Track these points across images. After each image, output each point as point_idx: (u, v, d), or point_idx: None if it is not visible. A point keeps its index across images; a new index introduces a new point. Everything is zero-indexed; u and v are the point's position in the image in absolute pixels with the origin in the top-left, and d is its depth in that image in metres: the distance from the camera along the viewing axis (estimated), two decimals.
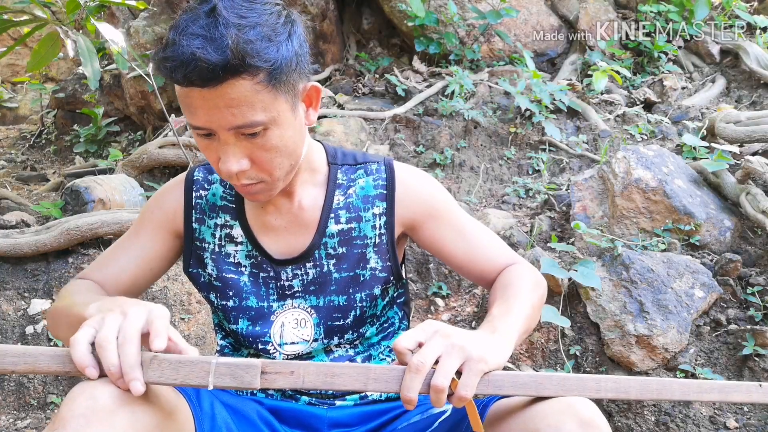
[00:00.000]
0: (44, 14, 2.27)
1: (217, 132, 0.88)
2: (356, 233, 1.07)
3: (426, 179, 1.12)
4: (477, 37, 3.78)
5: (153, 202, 1.12)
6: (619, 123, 3.15)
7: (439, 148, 3.12)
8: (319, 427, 1.06)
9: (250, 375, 0.76)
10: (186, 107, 0.87)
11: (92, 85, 2.18)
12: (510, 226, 2.36)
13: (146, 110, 3.97)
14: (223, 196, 1.09)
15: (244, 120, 0.85)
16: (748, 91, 3.37)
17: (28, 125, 5.35)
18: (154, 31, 3.84)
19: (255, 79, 0.84)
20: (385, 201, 1.07)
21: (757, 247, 2.08)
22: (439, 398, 0.78)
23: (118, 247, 1.10)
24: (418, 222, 1.08)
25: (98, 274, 1.07)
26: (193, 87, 0.83)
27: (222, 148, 0.89)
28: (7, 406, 1.95)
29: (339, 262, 1.06)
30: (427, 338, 0.80)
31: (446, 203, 1.10)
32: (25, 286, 2.14)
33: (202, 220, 1.08)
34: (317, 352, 1.07)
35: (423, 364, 0.77)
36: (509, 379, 0.81)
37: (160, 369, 0.74)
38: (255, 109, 0.85)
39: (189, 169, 1.13)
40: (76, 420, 0.72)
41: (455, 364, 0.78)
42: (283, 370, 0.78)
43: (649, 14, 3.71)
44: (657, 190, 2.15)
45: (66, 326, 0.91)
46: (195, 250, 1.08)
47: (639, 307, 1.82)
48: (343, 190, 1.08)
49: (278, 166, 0.93)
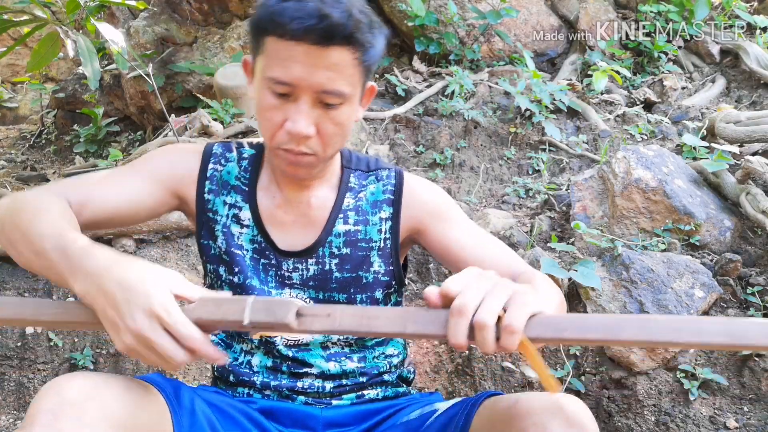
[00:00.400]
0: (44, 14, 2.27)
1: (300, 92, 0.91)
2: (362, 236, 1.08)
3: (433, 187, 1.14)
4: (477, 37, 3.78)
5: (163, 157, 1.10)
6: (619, 123, 3.15)
7: (439, 148, 3.12)
8: (315, 426, 1.07)
9: (284, 310, 0.74)
10: (279, 61, 0.90)
11: (92, 85, 2.18)
12: (510, 226, 2.36)
13: (146, 110, 3.97)
14: (238, 177, 1.09)
15: (334, 86, 0.91)
16: (748, 91, 3.37)
17: (28, 125, 5.35)
18: (154, 31, 3.84)
19: (355, 54, 0.91)
20: (392, 206, 1.09)
21: (757, 247, 2.08)
22: (484, 338, 0.70)
23: (111, 176, 1.04)
24: (424, 224, 1.09)
25: (80, 191, 0.98)
26: (302, 42, 0.88)
27: (296, 109, 0.92)
28: (7, 406, 1.95)
29: (342, 263, 1.07)
30: (470, 282, 0.74)
31: (453, 208, 1.12)
32: (25, 286, 2.14)
33: (217, 192, 1.08)
34: (314, 346, 1.08)
35: (466, 306, 0.70)
36: (574, 322, 0.71)
37: (204, 307, 0.75)
38: (345, 79, 0.92)
39: (206, 144, 1.13)
40: (45, 415, 0.72)
41: (500, 302, 0.71)
42: (319, 313, 0.75)
43: (649, 14, 3.71)
44: (657, 190, 2.15)
45: (28, 250, 0.84)
46: (207, 221, 1.08)
47: (639, 307, 1.82)
48: (354, 193, 1.10)
49: (334, 144, 0.98)
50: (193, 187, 1.08)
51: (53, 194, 0.93)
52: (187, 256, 2.34)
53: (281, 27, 0.88)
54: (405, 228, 1.10)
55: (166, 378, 0.98)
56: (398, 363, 1.17)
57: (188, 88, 3.74)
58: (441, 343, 0.79)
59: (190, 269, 2.30)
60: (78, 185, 0.99)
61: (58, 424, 0.72)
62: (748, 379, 1.72)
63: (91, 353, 2.03)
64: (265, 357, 1.09)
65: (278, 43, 0.90)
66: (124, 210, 1.01)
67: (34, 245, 0.82)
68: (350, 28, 0.88)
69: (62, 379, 0.76)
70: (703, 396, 1.72)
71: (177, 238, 2.32)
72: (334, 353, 1.09)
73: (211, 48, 3.77)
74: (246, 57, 1.04)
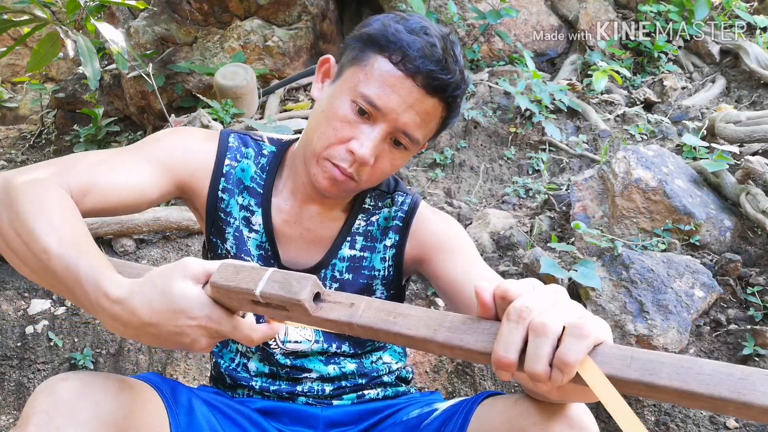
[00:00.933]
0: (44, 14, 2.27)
1: (382, 121, 0.91)
2: (366, 263, 1.06)
3: (449, 221, 1.09)
4: (477, 37, 3.78)
5: (175, 143, 1.00)
6: (619, 123, 3.15)
7: (439, 148, 3.12)
8: (315, 425, 1.06)
9: (301, 285, 0.66)
10: (381, 82, 0.90)
11: (92, 85, 2.18)
12: (510, 226, 2.36)
13: (146, 110, 3.96)
14: (253, 177, 1.05)
15: (415, 132, 0.92)
16: (748, 91, 3.37)
17: (28, 125, 5.35)
18: (154, 31, 3.84)
19: (444, 113, 0.94)
20: (398, 233, 1.06)
21: (757, 247, 2.08)
22: (538, 348, 0.55)
23: (116, 160, 0.92)
24: (428, 256, 1.04)
25: (83, 177, 0.86)
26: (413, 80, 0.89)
27: (369, 134, 0.91)
28: (7, 406, 1.95)
29: (342, 288, 1.04)
30: (536, 287, 0.61)
31: (465, 244, 1.04)
32: (25, 286, 2.14)
33: (232, 193, 1.03)
34: (314, 354, 1.07)
35: (528, 310, 0.56)
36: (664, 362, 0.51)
37: (225, 272, 0.70)
38: (425, 130, 0.94)
39: (221, 133, 1.05)
40: (39, 416, 0.72)
41: (568, 315, 0.57)
42: (342, 301, 0.67)
43: (649, 14, 3.71)
44: (657, 190, 2.15)
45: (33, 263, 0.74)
46: (217, 220, 1.04)
47: (639, 307, 1.82)
48: (367, 216, 1.07)
49: (377, 180, 0.98)
50: (206, 182, 1.02)
51: (53, 183, 0.82)
52: (187, 255, 2.34)
53: (402, 56, 0.88)
54: (409, 257, 1.06)
55: (163, 377, 0.97)
56: (397, 368, 1.16)
57: (188, 88, 3.74)
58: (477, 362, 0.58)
59: None
60: (80, 169, 0.87)
61: (52, 424, 0.72)
62: None
63: (91, 353, 2.02)
64: (262, 364, 1.07)
65: (388, 66, 0.89)
66: (128, 200, 0.91)
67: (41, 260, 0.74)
68: (456, 91, 0.91)
69: (56, 379, 0.76)
70: None
71: (177, 238, 2.32)
72: (332, 356, 1.09)
73: (211, 48, 3.77)
74: (329, 56, 1.00)
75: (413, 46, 0.88)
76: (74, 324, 2.07)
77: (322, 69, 1.00)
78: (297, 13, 3.76)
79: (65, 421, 0.72)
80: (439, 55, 0.88)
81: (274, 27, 3.76)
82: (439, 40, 0.90)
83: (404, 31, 0.89)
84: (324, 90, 0.98)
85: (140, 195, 0.92)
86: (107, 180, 0.88)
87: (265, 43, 3.69)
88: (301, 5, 3.73)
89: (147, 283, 0.70)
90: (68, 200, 0.81)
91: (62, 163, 0.87)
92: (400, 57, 0.88)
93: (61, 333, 2.05)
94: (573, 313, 0.57)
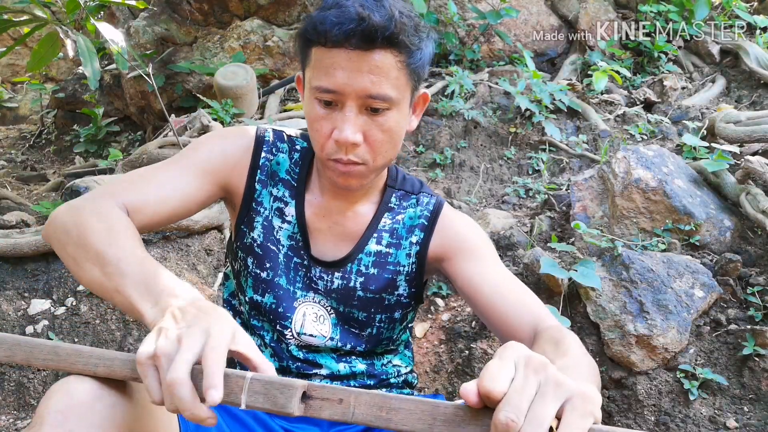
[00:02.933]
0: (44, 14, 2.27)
1: (345, 99, 0.91)
2: (392, 259, 1.08)
3: (472, 223, 1.11)
4: (477, 37, 3.78)
5: (213, 144, 1.06)
6: (619, 123, 3.15)
7: (439, 148, 3.12)
8: (320, 423, 1.07)
9: (286, 397, 0.64)
10: (324, 69, 0.90)
11: (92, 85, 2.18)
12: (510, 226, 2.36)
13: (146, 110, 3.97)
14: (288, 170, 1.08)
15: (379, 90, 0.90)
16: (748, 91, 3.37)
17: (28, 125, 5.35)
18: (154, 31, 3.84)
19: (399, 57, 0.91)
20: (424, 231, 1.09)
21: (757, 247, 2.08)
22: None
23: (162, 172, 1.01)
24: (451, 255, 1.06)
25: (135, 194, 0.96)
26: (343, 48, 0.88)
27: (342, 118, 0.92)
28: (7, 406, 1.95)
29: (366, 282, 1.07)
30: (514, 373, 0.59)
31: (486, 247, 1.07)
32: (25, 286, 2.14)
33: (266, 183, 1.07)
34: (326, 351, 1.09)
35: (515, 423, 0.54)
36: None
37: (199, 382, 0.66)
38: (390, 83, 0.91)
39: (257, 128, 1.10)
40: (54, 416, 0.72)
41: (554, 407, 0.56)
42: (330, 397, 0.64)
43: (649, 14, 3.71)
44: (657, 190, 2.15)
45: (99, 273, 0.83)
46: (249, 210, 1.07)
47: (639, 307, 1.82)
48: (393, 214, 1.09)
49: (383, 153, 0.96)
50: (243, 176, 1.06)
51: (112, 205, 0.91)
52: (187, 256, 2.34)
53: (323, 35, 0.89)
54: (432, 255, 1.08)
55: None
56: (406, 372, 1.19)
57: (188, 88, 3.74)
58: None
59: (190, 269, 2.30)
60: (132, 188, 0.96)
61: (67, 425, 0.72)
62: (748, 379, 1.72)
63: None
64: (273, 360, 1.09)
65: (322, 51, 0.91)
66: (179, 210, 1.00)
67: (107, 270, 0.82)
68: (392, 30, 0.88)
69: (71, 380, 0.76)
70: (703, 396, 1.72)
71: (177, 238, 2.32)
72: (343, 356, 1.10)
73: (211, 48, 3.77)
74: (299, 74, 1.03)
75: (327, 20, 0.89)
76: (74, 324, 2.08)
77: (300, 87, 1.03)
78: (297, 13, 3.77)
79: (80, 421, 0.72)
80: (352, 12, 0.87)
81: (274, 27, 3.76)
82: (353, 0, 0.89)
83: (318, 13, 0.91)
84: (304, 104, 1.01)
85: (188, 203, 1.00)
86: (156, 195, 0.97)
87: (265, 43, 3.69)
88: (301, 5, 3.73)
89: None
90: (128, 221, 0.90)
91: (115, 186, 0.96)
92: (323, 38, 0.90)
93: (61, 333, 2.05)
94: (560, 396, 0.57)
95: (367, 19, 0.87)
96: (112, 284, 0.81)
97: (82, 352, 0.75)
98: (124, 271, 0.80)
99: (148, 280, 0.79)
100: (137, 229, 0.92)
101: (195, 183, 1.01)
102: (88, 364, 0.74)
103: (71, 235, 0.87)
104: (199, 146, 1.05)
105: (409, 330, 1.21)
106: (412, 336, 1.24)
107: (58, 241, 0.90)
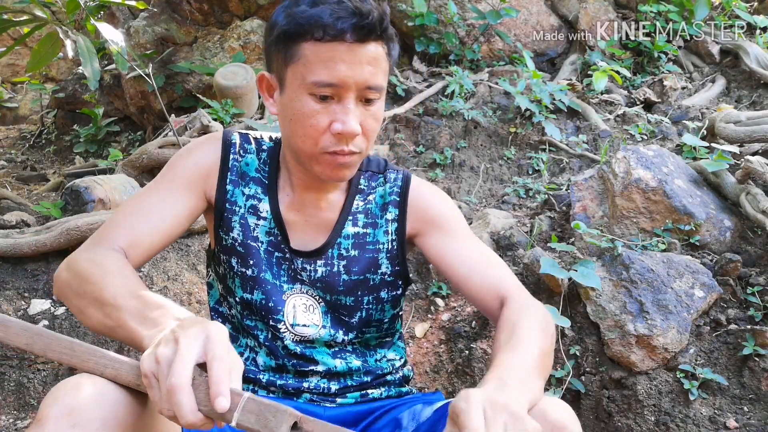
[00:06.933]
0: (44, 14, 2.27)
1: (345, 92, 0.93)
2: (370, 238, 1.10)
3: (440, 194, 1.16)
4: (477, 37, 3.78)
5: (185, 159, 1.08)
6: (619, 123, 3.15)
7: (439, 148, 3.12)
8: None
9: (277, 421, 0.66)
10: (321, 63, 0.92)
11: (92, 85, 2.18)
12: (510, 226, 2.36)
13: (146, 110, 3.97)
14: (258, 169, 1.10)
15: (375, 80, 0.94)
16: (748, 91, 3.37)
17: (28, 125, 5.36)
18: (154, 31, 3.84)
19: (385, 49, 0.96)
20: (398, 208, 1.11)
21: (757, 247, 2.08)
22: None
23: (145, 203, 1.04)
24: (424, 229, 1.11)
25: (125, 236, 0.99)
26: (343, 41, 0.91)
27: (343, 110, 0.94)
28: (7, 406, 1.95)
29: (349, 264, 1.09)
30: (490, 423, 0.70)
31: (455, 217, 1.13)
32: (25, 286, 2.14)
33: (237, 183, 1.09)
34: (320, 343, 1.09)
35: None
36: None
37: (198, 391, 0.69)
38: (382, 73, 0.96)
39: (223, 132, 1.12)
40: (56, 415, 0.72)
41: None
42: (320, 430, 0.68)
43: (649, 14, 3.71)
44: (657, 190, 2.15)
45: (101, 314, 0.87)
46: (225, 212, 1.09)
47: (639, 307, 1.82)
48: (364, 196, 1.12)
49: (372, 140, 1.00)
50: (215, 179, 1.08)
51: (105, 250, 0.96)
52: (187, 256, 2.34)
53: (321, 29, 0.90)
54: (409, 229, 1.12)
55: None
56: (400, 365, 1.19)
57: (188, 88, 3.74)
58: None
59: (190, 269, 2.30)
60: (121, 230, 0.99)
61: (72, 420, 0.72)
62: (748, 379, 1.72)
63: None
64: (269, 358, 1.09)
65: (318, 46, 0.91)
66: (172, 233, 1.03)
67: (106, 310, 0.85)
68: (383, 24, 0.93)
69: (73, 380, 0.76)
70: (703, 396, 1.72)
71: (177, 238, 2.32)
72: (339, 350, 1.11)
73: (211, 48, 3.77)
74: (263, 73, 1.02)
75: (324, 14, 0.90)
76: (74, 324, 2.08)
77: (263, 87, 1.03)
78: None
79: (83, 421, 0.72)
80: (350, 7, 0.91)
81: None
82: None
83: (308, 8, 0.92)
84: (278, 102, 1.01)
85: (178, 223, 1.04)
86: (146, 228, 1.00)
87: None
88: None
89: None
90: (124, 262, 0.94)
91: (106, 231, 1.00)
92: (321, 32, 0.91)
93: (61, 333, 2.05)
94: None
95: (367, 14, 0.90)
96: (113, 322, 0.84)
97: (96, 352, 0.77)
98: (121, 305, 0.84)
99: (143, 308, 0.82)
100: (139, 263, 0.98)
101: (180, 202, 1.04)
102: (98, 365, 0.76)
103: (72, 287, 0.92)
104: (173, 165, 1.08)
105: (400, 319, 1.21)
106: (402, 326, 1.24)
107: (64, 296, 0.94)
